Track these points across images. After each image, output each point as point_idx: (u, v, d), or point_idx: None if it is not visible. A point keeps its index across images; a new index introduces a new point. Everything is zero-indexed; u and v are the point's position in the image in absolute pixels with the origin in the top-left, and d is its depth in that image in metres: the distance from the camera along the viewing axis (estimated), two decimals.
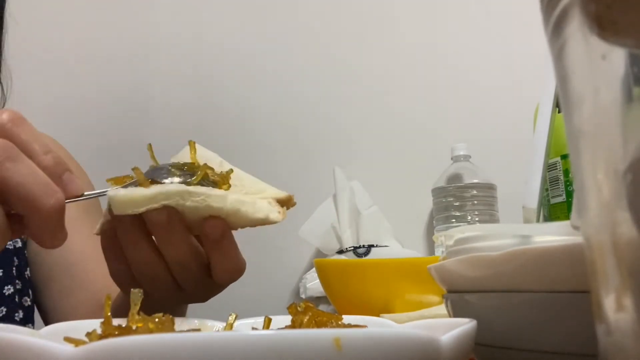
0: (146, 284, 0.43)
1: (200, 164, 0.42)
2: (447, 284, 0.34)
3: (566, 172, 0.67)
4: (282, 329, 0.33)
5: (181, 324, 0.39)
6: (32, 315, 0.68)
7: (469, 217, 0.92)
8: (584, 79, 0.17)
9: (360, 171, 1.09)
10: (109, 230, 0.42)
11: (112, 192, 0.38)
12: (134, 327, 0.27)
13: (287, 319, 0.34)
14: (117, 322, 0.28)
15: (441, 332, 0.23)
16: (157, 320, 0.28)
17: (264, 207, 0.41)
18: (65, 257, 0.67)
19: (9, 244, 0.65)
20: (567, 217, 0.66)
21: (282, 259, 1.09)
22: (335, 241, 1.00)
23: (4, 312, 0.63)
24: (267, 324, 0.35)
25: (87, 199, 0.41)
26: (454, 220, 0.93)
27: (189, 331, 0.32)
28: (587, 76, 0.17)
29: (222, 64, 1.19)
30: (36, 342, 0.21)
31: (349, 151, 1.13)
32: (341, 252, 0.96)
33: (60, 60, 1.18)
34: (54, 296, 0.68)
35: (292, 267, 1.09)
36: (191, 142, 0.44)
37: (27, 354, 0.21)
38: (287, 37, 1.19)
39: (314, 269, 0.81)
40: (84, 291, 0.66)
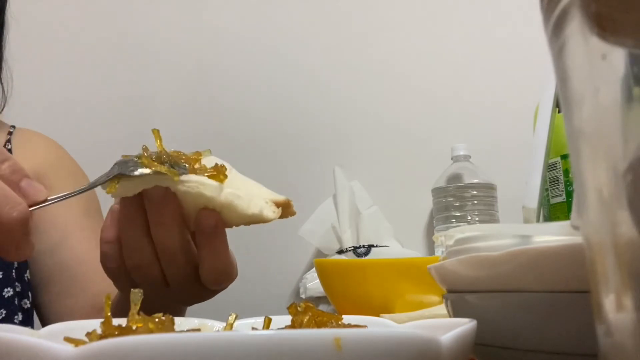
0: (133, 271, 0.43)
1: (168, 152, 0.41)
2: (447, 284, 0.34)
3: (566, 172, 0.67)
4: (282, 329, 0.33)
5: (181, 324, 0.39)
6: (32, 317, 0.68)
7: (469, 217, 0.92)
8: (584, 79, 0.17)
9: (360, 171, 1.09)
10: (114, 212, 0.43)
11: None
12: (134, 327, 0.27)
13: (287, 319, 0.34)
14: (117, 322, 0.28)
15: (441, 332, 0.23)
16: (157, 320, 0.28)
17: (257, 204, 0.41)
18: (65, 259, 0.67)
19: None
20: (567, 217, 0.66)
21: (282, 259, 1.09)
22: (335, 241, 1.00)
23: (3, 315, 0.63)
24: (267, 324, 0.35)
25: (51, 204, 0.41)
26: (454, 220, 0.93)
27: (189, 331, 0.32)
28: (587, 76, 0.17)
29: (222, 64, 1.19)
30: (36, 342, 0.21)
31: (349, 151, 1.13)
32: (341, 252, 0.96)
33: (60, 60, 1.18)
34: (53, 298, 0.68)
35: (292, 267, 1.09)
36: (154, 131, 0.43)
37: (27, 354, 0.21)
38: (288, 37, 1.19)
39: (314, 269, 0.81)
40: (84, 293, 0.66)
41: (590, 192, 0.18)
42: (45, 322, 0.69)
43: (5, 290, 0.64)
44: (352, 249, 0.94)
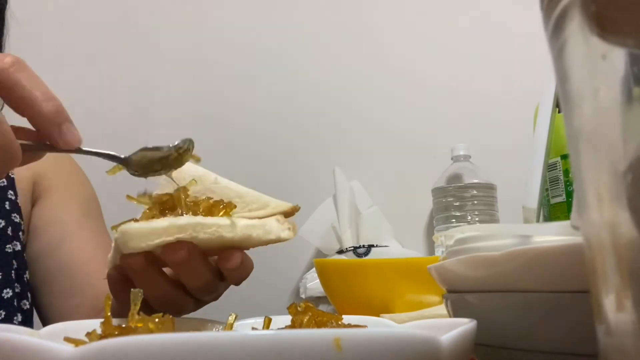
0: (164, 308, 0.43)
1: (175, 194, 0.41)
2: (447, 284, 0.34)
3: (566, 172, 0.67)
4: (282, 329, 0.33)
5: (181, 324, 0.39)
6: (31, 318, 0.68)
7: (469, 217, 0.92)
8: (584, 79, 0.17)
9: (360, 171, 1.09)
10: (118, 274, 0.42)
11: (125, 226, 0.37)
12: (134, 327, 0.27)
13: (287, 319, 0.34)
14: (117, 322, 0.28)
15: (441, 332, 0.23)
16: (157, 320, 0.28)
17: (274, 228, 0.41)
18: (65, 260, 0.67)
19: (8, 246, 0.65)
20: (567, 217, 0.66)
21: (282, 259, 1.09)
22: (335, 241, 1.00)
23: (2, 316, 0.63)
24: (267, 324, 0.35)
25: (83, 153, 0.41)
26: (454, 220, 0.93)
27: (189, 331, 0.32)
28: (587, 76, 0.17)
29: (222, 64, 1.19)
30: (36, 342, 0.21)
31: (349, 151, 1.13)
32: (341, 252, 0.96)
33: (60, 60, 1.18)
34: (53, 299, 0.68)
35: (292, 267, 1.09)
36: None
37: (27, 354, 0.21)
38: (288, 37, 1.19)
39: (314, 269, 0.81)
40: (84, 294, 0.65)
41: (590, 192, 0.18)
42: (46, 323, 0.69)
43: (4, 291, 0.64)
44: (352, 249, 0.94)
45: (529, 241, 0.30)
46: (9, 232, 0.66)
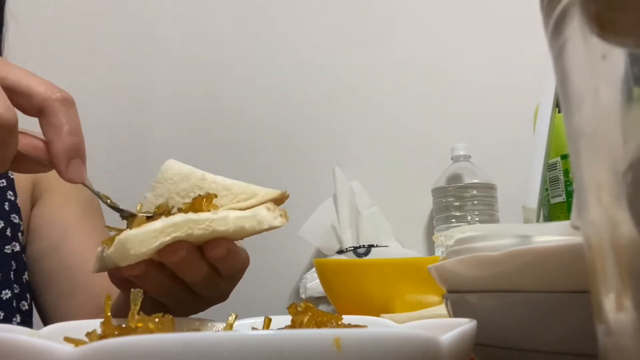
0: (166, 301, 0.44)
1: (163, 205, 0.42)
2: (447, 284, 0.34)
3: (566, 172, 0.67)
4: (282, 329, 0.33)
5: (181, 324, 0.39)
6: (31, 319, 0.68)
7: (469, 217, 0.92)
8: (584, 79, 0.17)
9: (360, 171, 1.09)
10: (119, 277, 0.43)
11: (122, 235, 0.37)
12: (134, 327, 0.27)
13: (287, 319, 0.34)
14: (117, 322, 0.28)
15: (441, 332, 0.23)
16: (157, 320, 0.28)
17: (265, 217, 0.41)
18: (65, 259, 0.67)
19: (7, 247, 0.65)
20: (567, 217, 0.66)
21: (282, 259, 1.09)
22: (335, 241, 1.00)
23: (1, 317, 0.63)
24: (267, 324, 0.35)
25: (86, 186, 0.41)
26: (454, 220, 0.93)
27: (189, 331, 0.32)
28: (587, 76, 0.17)
29: (222, 64, 1.19)
30: (36, 342, 0.21)
31: (349, 151, 1.13)
32: (341, 252, 0.96)
33: (59, 60, 1.18)
34: (54, 299, 0.68)
35: (292, 267, 1.09)
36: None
37: (27, 354, 0.21)
38: (288, 37, 1.19)
39: (314, 269, 0.81)
40: (84, 294, 0.66)
41: (590, 192, 0.18)
42: (47, 323, 0.69)
43: (3, 292, 0.64)
44: (352, 249, 0.94)
45: (529, 241, 0.30)
46: (8, 233, 0.66)
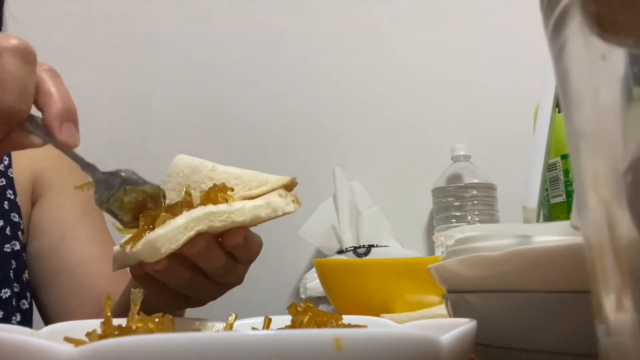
0: (188, 292, 0.46)
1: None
2: (447, 284, 0.34)
3: (566, 172, 0.67)
4: (282, 329, 0.33)
5: (181, 324, 0.39)
6: (30, 318, 0.68)
7: (469, 217, 0.92)
8: (584, 79, 0.17)
9: (360, 171, 1.09)
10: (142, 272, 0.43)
11: (150, 235, 0.38)
12: (134, 327, 0.27)
13: (287, 319, 0.34)
14: (117, 322, 0.28)
15: (441, 332, 0.23)
16: (157, 320, 0.28)
17: (278, 204, 0.42)
18: (65, 259, 0.67)
19: (6, 246, 0.65)
20: (567, 217, 0.66)
21: (282, 259, 1.09)
22: (335, 241, 1.00)
23: (1, 316, 0.63)
24: (267, 324, 0.35)
25: (70, 155, 0.42)
26: (454, 220, 0.93)
27: (189, 331, 0.32)
28: (587, 76, 0.17)
29: (222, 63, 1.19)
30: (36, 342, 0.21)
31: (349, 151, 1.13)
32: (341, 252, 0.96)
33: (59, 60, 1.18)
34: (54, 298, 0.68)
35: (292, 267, 1.09)
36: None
37: (27, 354, 0.21)
38: (288, 37, 1.19)
39: (314, 269, 0.81)
40: (86, 292, 0.66)
41: (590, 192, 0.18)
42: (48, 322, 0.69)
43: (2, 291, 0.64)
44: (352, 249, 0.94)
45: (529, 241, 0.30)
46: (8, 231, 0.66)
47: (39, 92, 0.40)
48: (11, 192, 0.68)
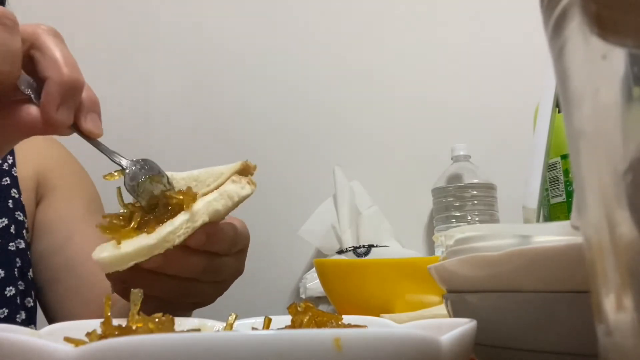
0: (190, 300, 0.45)
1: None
2: (447, 284, 0.34)
3: (566, 172, 0.67)
4: (282, 329, 0.33)
5: (181, 324, 0.39)
6: (35, 316, 0.68)
7: (469, 217, 0.92)
8: (584, 79, 0.17)
9: (360, 171, 1.09)
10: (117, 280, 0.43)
11: (97, 257, 0.38)
12: (134, 327, 0.27)
13: (287, 319, 0.34)
14: (117, 322, 0.28)
15: (441, 332, 0.23)
16: (157, 320, 0.28)
17: (233, 190, 0.42)
18: (72, 257, 0.67)
19: (11, 244, 0.65)
20: (567, 217, 0.66)
21: (282, 259, 1.09)
22: (335, 241, 1.00)
23: (5, 314, 0.63)
24: (267, 324, 0.35)
25: (94, 145, 0.43)
26: (454, 220, 0.93)
27: (189, 331, 0.32)
28: (587, 76, 0.17)
29: (222, 63, 1.19)
30: (36, 342, 0.21)
31: (349, 151, 1.13)
32: (341, 252, 0.96)
33: None
34: (60, 296, 0.68)
35: (292, 267, 1.09)
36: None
37: (27, 354, 0.21)
38: (288, 36, 1.19)
39: (314, 269, 0.81)
40: (92, 291, 0.66)
41: (590, 192, 0.18)
42: (52, 321, 0.69)
43: (7, 289, 0.64)
44: (352, 249, 0.94)
45: (529, 241, 0.30)
46: (12, 230, 0.66)
47: (42, 58, 0.38)
48: (15, 190, 0.68)
